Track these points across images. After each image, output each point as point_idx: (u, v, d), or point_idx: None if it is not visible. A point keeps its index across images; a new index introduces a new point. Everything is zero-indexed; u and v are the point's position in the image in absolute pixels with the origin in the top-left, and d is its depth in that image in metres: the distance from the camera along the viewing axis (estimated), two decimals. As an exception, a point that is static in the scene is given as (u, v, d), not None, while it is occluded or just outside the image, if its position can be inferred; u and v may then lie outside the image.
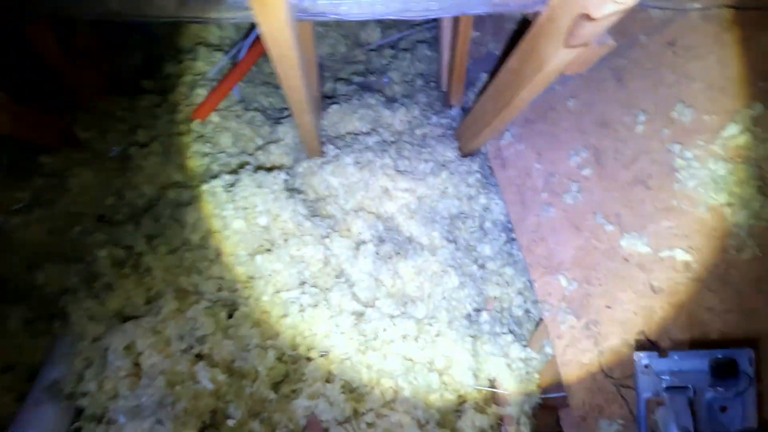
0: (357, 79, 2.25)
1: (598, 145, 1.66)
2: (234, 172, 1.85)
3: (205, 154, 1.91)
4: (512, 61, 1.49)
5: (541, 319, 1.66)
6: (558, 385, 1.55)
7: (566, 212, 1.64)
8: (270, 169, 1.83)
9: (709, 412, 1.16)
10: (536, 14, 1.32)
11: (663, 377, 1.19)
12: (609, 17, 1.07)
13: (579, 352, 1.42)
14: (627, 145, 1.59)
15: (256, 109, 2.10)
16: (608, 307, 1.43)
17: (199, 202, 1.73)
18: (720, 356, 1.15)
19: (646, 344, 1.33)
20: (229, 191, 1.75)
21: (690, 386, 1.17)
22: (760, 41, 1.26)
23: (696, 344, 1.24)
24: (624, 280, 1.44)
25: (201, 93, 2.03)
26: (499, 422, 1.61)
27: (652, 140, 1.54)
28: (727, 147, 1.34)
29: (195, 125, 1.96)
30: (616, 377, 1.33)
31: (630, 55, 1.64)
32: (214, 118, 2.00)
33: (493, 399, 1.65)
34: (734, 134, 1.31)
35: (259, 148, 1.99)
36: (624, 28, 1.02)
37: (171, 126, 1.95)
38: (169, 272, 1.63)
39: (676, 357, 1.20)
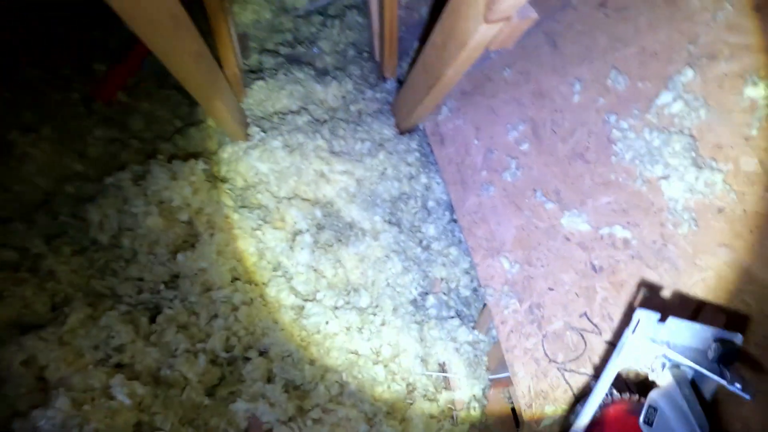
0: (284, 50, 2.08)
1: (536, 117, 1.58)
2: (144, 162, 1.66)
3: (112, 140, 1.72)
4: (436, 37, 1.39)
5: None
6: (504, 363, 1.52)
7: (506, 190, 1.57)
8: (186, 158, 1.66)
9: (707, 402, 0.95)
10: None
11: (660, 347, 0.93)
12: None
13: (523, 338, 1.38)
14: (564, 117, 1.52)
15: (173, 86, 1.89)
16: (551, 289, 1.38)
17: (105, 197, 1.54)
18: (725, 337, 0.91)
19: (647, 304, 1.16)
20: (139, 185, 1.57)
21: (690, 368, 0.93)
22: (687, 1, 1.19)
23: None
24: (565, 260, 1.39)
25: (100, 68, 1.81)
26: (451, 407, 1.57)
27: (589, 110, 1.47)
28: (661, 116, 1.28)
29: (98, 106, 1.75)
30: (560, 361, 1.29)
31: (563, 18, 1.55)
32: (122, 97, 1.80)
33: (444, 384, 1.61)
34: (668, 102, 1.25)
35: (178, 131, 1.81)
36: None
37: (65, 107, 1.71)
38: (77, 275, 1.46)
39: (676, 324, 0.93)
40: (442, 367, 1.63)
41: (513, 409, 1.53)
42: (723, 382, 0.84)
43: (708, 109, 1.15)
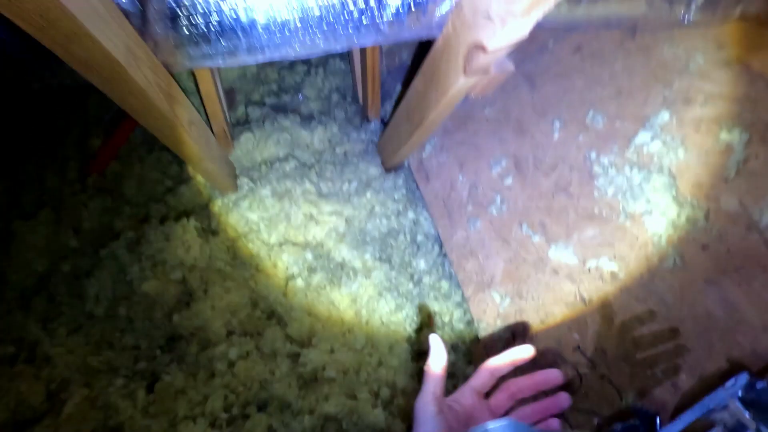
0: (270, 100, 2.04)
1: (518, 153, 1.58)
2: (138, 227, 1.61)
3: (106, 210, 1.66)
4: (418, 83, 1.37)
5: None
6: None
7: (492, 224, 1.57)
8: (178, 217, 1.61)
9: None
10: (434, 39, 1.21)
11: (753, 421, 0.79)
12: (503, 49, 0.97)
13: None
14: (546, 152, 1.52)
15: (162, 148, 1.85)
16: (542, 322, 1.37)
17: (101, 270, 1.49)
18: None
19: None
20: (133, 251, 1.52)
21: None
22: (660, 51, 1.20)
23: (630, 358, 1.20)
24: (555, 293, 1.38)
25: (95, 143, 1.78)
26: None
27: (570, 147, 1.47)
28: (640, 154, 1.28)
29: (92, 180, 1.71)
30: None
31: (540, 60, 1.55)
32: (115, 166, 1.76)
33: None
34: (646, 141, 1.25)
35: (169, 190, 1.76)
36: (533, 33, 0.94)
37: (63, 187, 1.67)
38: (73, 355, 1.38)
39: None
40: (441, 404, 1.60)
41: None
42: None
43: (686, 150, 1.15)
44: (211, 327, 1.49)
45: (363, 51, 1.68)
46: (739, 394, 0.79)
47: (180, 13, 0.97)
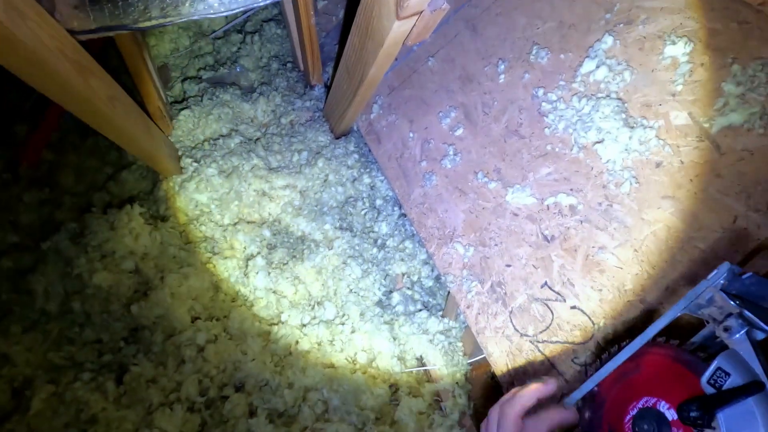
0: (207, 74, 1.92)
1: (466, 102, 1.54)
2: (80, 217, 1.49)
3: (43, 202, 1.54)
4: (353, 38, 1.31)
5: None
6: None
7: (448, 177, 1.53)
8: (122, 204, 1.50)
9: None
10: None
11: (736, 307, 0.76)
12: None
13: (491, 317, 1.34)
14: (494, 97, 1.49)
15: (97, 133, 1.70)
16: (508, 265, 1.35)
17: (45, 264, 1.38)
18: None
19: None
20: (78, 243, 1.41)
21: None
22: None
23: (596, 284, 1.19)
24: (517, 235, 1.36)
25: (21, 129, 1.62)
26: (437, 398, 1.52)
27: (516, 88, 1.44)
28: (587, 83, 1.27)
29: (24, 171, 1.57)
30: (531, 334, 1.27)
31: (479, 3, 1.51)
32: (47, 156, 1.62)
33: (425, 377, 1.55)
34: (591, 70, 1.23)
35: (110, 178, 1.64)
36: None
37: None
38: (32, 353, 1.31)
39: (754, 282, 0.77)
40: (420, 361, 1.57)
41: (498, 388, 1.50)
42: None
43: (632, 72, 1.14)
44: (173, 314, 1.42)
45: (297, 12, 1.59)
46: (722, 283, 0.78)
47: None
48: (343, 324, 1.53)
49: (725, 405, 0.73)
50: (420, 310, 1.59)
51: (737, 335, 0.77)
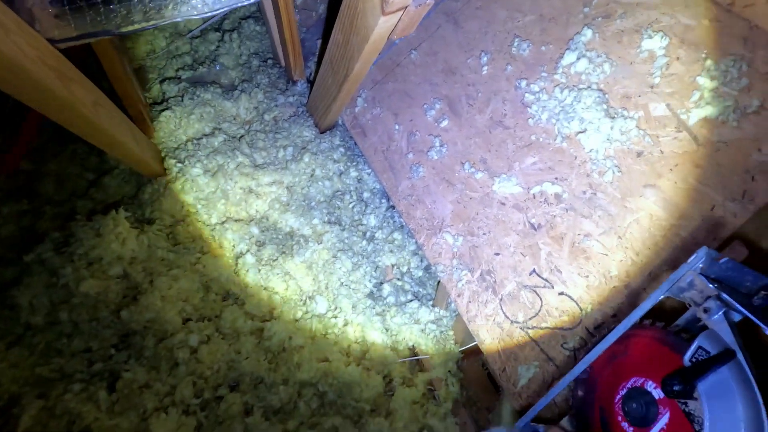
0: (186, 74, 1.90)
1: (450, 94, 1.57)
2: (63, 226, 1.48)
3: (23, 213, 1.51)
4: (337, 34, 1.31)
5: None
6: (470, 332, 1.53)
7: (435, 169, 1.56)
8: (107, 209, 1.48)
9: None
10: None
11: (714, 289, 0.83)
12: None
13: (482, 305, 1.38)
14: (477, 89, 1.52)
15: (76, 140, 1.64)
16: (497, 254, 1.39)
17: (30, 276, 1.36)
18: None
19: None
20: (63, 252, 1.40)
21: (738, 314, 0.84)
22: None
23: (583, 271, 1.24)
24: (505, 224, 1.40)
25: None
26: (430, 387, 1.56)
27: (499, 79, 1.47)
28: (568, 75, 1.30)
29: (1, 182, 1.54)
30: (522, 321, 1.32)
31: (459, -4, 1.54)
32: (24, 165, 1.59)
33: (418, 366, 1.60)
34: (572, 61, 1.27)
35: (92, 184, 1.63)
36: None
37: None
38: (18, 369, 1.28)
39: (731, 267, 0.83)
40: (413, 351, 1.61)
41: (489, 375, 1.56)
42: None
43: (611, 64, 1.17)
44: (164, 317, 1.41)
45: (277, 9, 1.58)
46: (700, 266, 0.83)
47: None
48: (335, 317, 1.56)
49: (703, 375, 0.79)
50: (411, 301, 1.62)
51: (716, 316, 0.83)
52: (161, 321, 1.42)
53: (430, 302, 1.66)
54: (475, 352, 1.58)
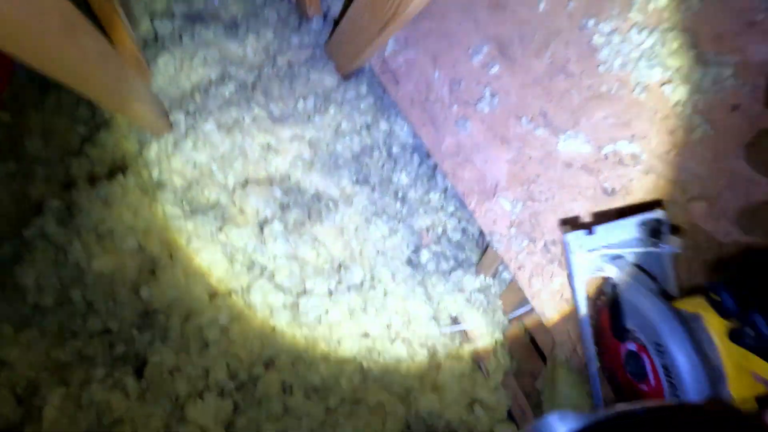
0: (179, 8, 1.62)
1: (500, 34, 1.37)
2: (62, 192, 1.28)
3: (11, 176, 1.30)
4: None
5: (484, 241, 1.51)
6: (521, 301, 1.43)
7: (485, 123, 1.39)
8: (111, 174, 1.30)
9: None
10: None
11: (597, 252, 1.07)
12: None
13: (547, 280, 1.27)
14: (533, 28, 1.32)
15: (58, 87, 1.43)
16: (563, 222, 1.27)
17: (32, 253, 1.19)
18: (647, 218, 1.07)
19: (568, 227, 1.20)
20: (67, 226, 1.22)
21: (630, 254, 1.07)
22: None
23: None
24: (572, 189, 1.26)
25: None
26: (477, 358, 1.48)
27: (560, 17, 1.28)
28: (646, 12, 1.13)
29: None
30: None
31: None
32: (2, 116, 1.35)
33: (465, 337, 1.51)
34: (650, -4, 1.10)
35: (86, 139, 1.41)
36: None
37: None
38: (32, 351, 1.15)
39: (603, 229, 1.08)
40: (456, 321, 1.51)
41: (532, 340, 1.48)
42: (656, 249, 0.99)
43: (701, -2, 1.02)
44: (189, 294, 1.28)
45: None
46: None
47: None
48: (374, 288, 1.44)
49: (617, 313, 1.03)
50: (454, 268, 1.51)
51: (608, 265, 1.07)
52: (186, 298, 1.29)
53: (471, 267, 1.54)
54: (520, 322, 1.49)
